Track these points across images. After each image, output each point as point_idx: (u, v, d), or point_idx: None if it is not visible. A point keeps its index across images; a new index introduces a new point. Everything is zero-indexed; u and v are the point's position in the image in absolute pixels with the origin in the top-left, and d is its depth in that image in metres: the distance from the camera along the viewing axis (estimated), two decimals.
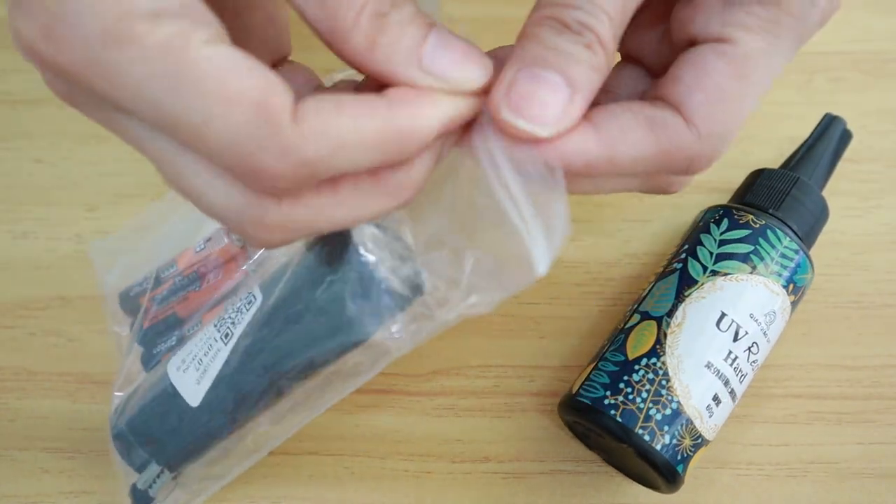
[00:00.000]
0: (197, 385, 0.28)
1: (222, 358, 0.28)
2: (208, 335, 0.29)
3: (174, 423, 0.29)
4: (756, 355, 0.32)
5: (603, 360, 0.33)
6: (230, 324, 0.28)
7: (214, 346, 0.28)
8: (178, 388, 0.29)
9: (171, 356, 0.30)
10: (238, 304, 0.28)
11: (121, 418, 0.31)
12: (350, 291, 0.25)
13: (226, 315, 0.29)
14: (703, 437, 0.31)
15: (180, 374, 0.29)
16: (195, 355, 0.29)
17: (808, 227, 0.34)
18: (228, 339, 0.28)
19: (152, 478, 0.31)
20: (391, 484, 0.35)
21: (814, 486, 0.35)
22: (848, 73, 0.42)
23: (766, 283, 0.32)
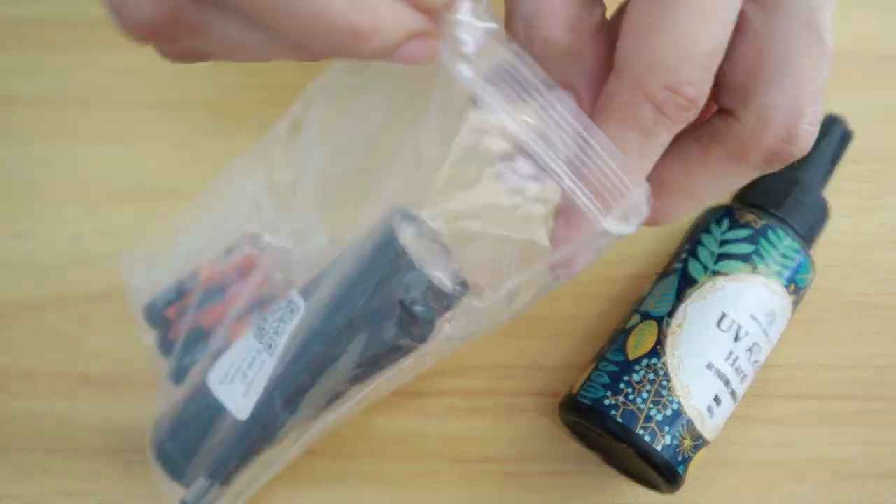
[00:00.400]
0: (244, 398, 0.28)
1: (269, 368, 0.28)
2: (249, 346, 0.29)
3: (222, 438, 0.29)
4: (757, 355, 0.32)
5: (603, 361, 0.33)
6: (272, 334, 0.28)
7: (258, 357, 0.28)
8: (223, 402, 0.29)
9: (208, 370, 0.30)
10: (279, 313, 0.28)
11: (160, 435, 0.30)
12: (401, 295, 0.25)
13: (266, 325, 0.29)
14: (703, 437, 0.31)
15: (224, 387, 0.29)
16: (238, 367, 0.29)
17: (808, 227, 0.34)
18: (273, 350, 0.28)
19: (203, 492, 0.30)
20: (391, 484, 0.35)
21: (814, 487, 0.35)
22: (848, 73, 0.42)
23: (767, 283, 0.32)
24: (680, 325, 0.32)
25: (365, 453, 0.36)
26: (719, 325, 0.32)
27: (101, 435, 0.36)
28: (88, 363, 0.37)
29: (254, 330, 0.29)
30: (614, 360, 0.32)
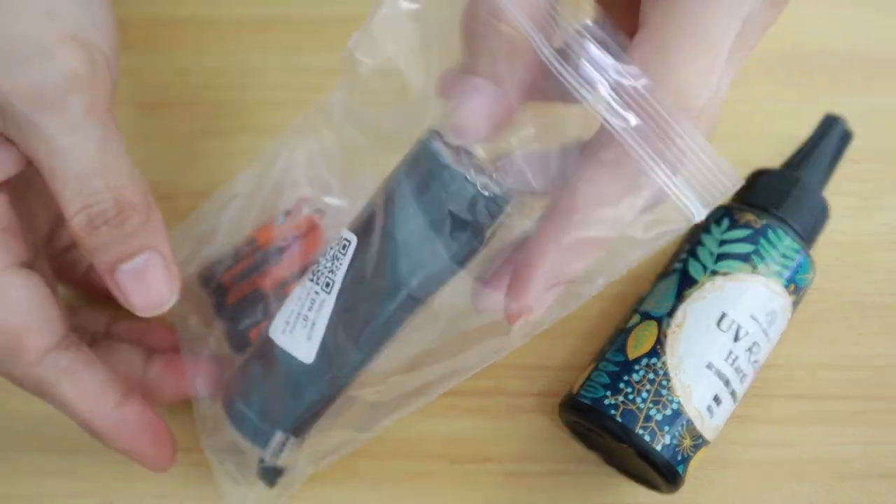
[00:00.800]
0: (308, 341, 0.28)
1: (329, 306, 0.28)
2: (306, 291, 0.29)
3: (293, 387, 0.29)
4: (757, 355, 0.32)
5: (603, 361, 0.33)
6: (328, 273, 0.28)
7: (317, 298, 0.28)
8: (288, 350, 0.29)
9: (266, 326, 0.30)
10: (330, 252, 0.28)
11: (232, 397, 0.30)
12: (449, 205, 0.26)
13: (319, 267, 0.29)
14: (703, 437, 0.31)
15: (287, 336, 0.29)
16: (298, 313, 0.29)
17: (808, 227, 0.34)
18: (331, 287, 0.28)
19: (279, 447, 0.30)
20: (391, 484, 0.35)
21: (814, 487, 0.35)
22: (848, 73, 0.42)
23: (767, 283, 0.32)
24: (680, 325, 0.32)
25: (364, 453, 0.36)
26: (719, 325, 0.32)
27: None
28: None
29: (308, 275, 0.29)
30: (614, 359, 0.32)
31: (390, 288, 0.27)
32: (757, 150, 0.40)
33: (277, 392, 0.29)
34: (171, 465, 0.31)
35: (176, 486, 0.35)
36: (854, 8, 0.44)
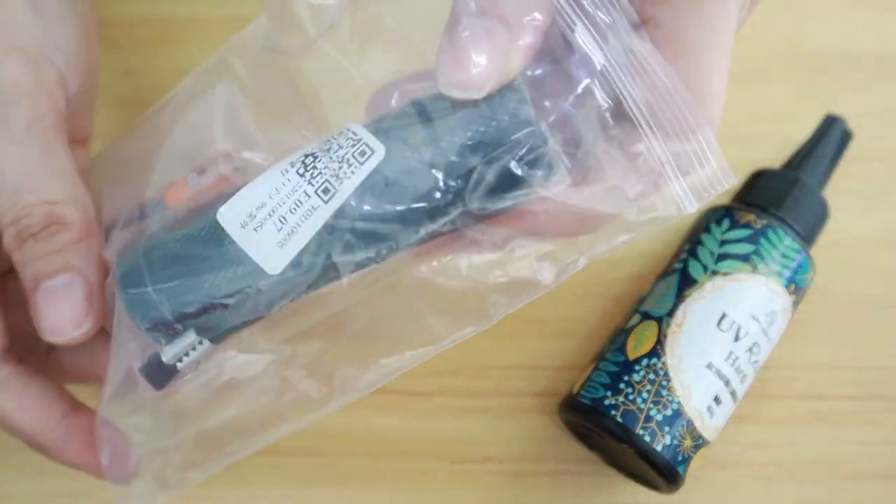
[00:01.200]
0: (280, 249, 0.24)
1: (322, 218, 0.23)
2: (290, 187, 0.24)
3: (237, 295, 0.24)
4: (757, 356, 0.32)
5: (603, 361, 0.33)
6: (330, 177, 0.23)
7: (307, 202, 0.23)
8: (246, 251, 0.24)
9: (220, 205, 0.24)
10: (338, 152, 0.24)
11: (138, 273, 0.25)
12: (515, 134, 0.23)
13: (317, 165, 0.24)
14: (703, 437, 0.31)
15: (248, 233, 0.24)
16: (272, 211, 0.24)
17: (808, 227, 0.34)
18: (330, 197, 0.23)
19: (184, 350, 0.25)
20: (391, 484, 0.35)
21: (815, 487, 0.35)
22: (848, 73, 0.42)
23: (768, 283, 0.32)
24: (680, 325, 0.32)
25: (365, 453, 0.36)
26: (719, 325, 0.32)
27: None
28: None
29: (293, 166, 0.24)
30: (614, 360, 0.32)
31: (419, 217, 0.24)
32: (757, 151, 0.40)
33: (210, 292, 0.24)
34: (132, 478, 0.28)
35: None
36: (854, 8, 0.44)
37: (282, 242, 0.24)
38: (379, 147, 0.23)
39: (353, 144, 0.24)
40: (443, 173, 0.23)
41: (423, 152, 0.23)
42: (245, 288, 0.24)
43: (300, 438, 0.36)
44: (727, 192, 0.38)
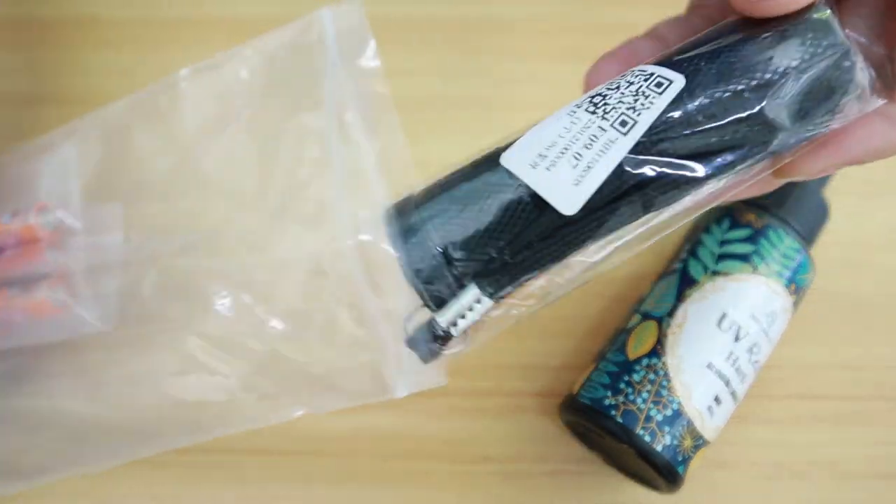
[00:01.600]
0: (575, 186, 0.22)
1: (623, 150, 0.22)
2: (582, 124, 0.23)
3: (527, 239, 0.23)
4: (757, 356, 0.32)
5: (604, 361, 0.33)
6: (626, 109, 0.22)
7: (603, 136, 0.22)
8: (538, 191, 0.22)
9: (503, 150, 0.23)
10: (633, 87, 0.23)
11: (417, 224, 0.23)
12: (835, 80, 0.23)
13: (611, 102, 0.23)
14: (703, 437, 0.31)
15: (540, 172, 0.22)
16: (564, 148, 0.22)
17: (809, 227, 0.34)
18: (629, 128, 0.22)
19: (463, 309, 0.23)
20: (391, 484, 0.35)
21: (815, 487, 0.35)
22: None
23: (768, 283, 0.32)
24: (680, 325, 0.32)
25: (365, 453, 0.36)
26: (719, 325, 0.32)
27: None
28: None
29: (580, 107, 0.23)
30: (614, 360, 0.32)
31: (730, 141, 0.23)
32: None
33: (500, 239, 0.23)
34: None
35: (174, 487, 0.35)
36: None
37: (578, 180, 0.22)
38: (677, 77, 0.23)
39: (646, 79, 0.23)
40: (754, 94, 0.22)
41: (728, 78, 0.22)
42: (539, 233, 0.23)
43: (300, 438, 0.36)
44: None
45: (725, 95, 0.22)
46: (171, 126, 0.30)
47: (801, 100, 0.23)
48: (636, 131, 0.22)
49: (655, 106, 0.22)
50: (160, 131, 0.30)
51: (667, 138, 0.22)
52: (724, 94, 0.22)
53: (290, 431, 0.36)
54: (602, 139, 0.22)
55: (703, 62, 0.23)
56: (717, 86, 0.23)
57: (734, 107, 0.22)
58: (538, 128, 0.23)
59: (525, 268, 0.23)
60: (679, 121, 0.22)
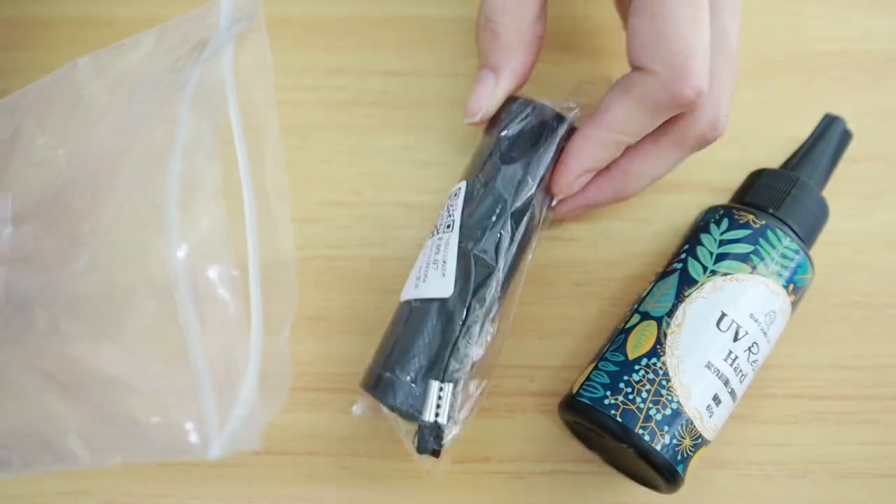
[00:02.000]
0: (443, 277, 0.31)
1: (455, 240, 0.32)
2: (430, 245, 0.33)
3: (440, 326, 0.31)
4: (756, 355, 0.32)
5: (603, 360, 0.33)
6: (447, 218, 0.33)
7: (442, 240, 0.32)
8: (427, 296, 0.31)
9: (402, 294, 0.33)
10: (445, 205, 0.34)
11: (375, 376, 0.31)
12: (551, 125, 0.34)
13: (437, 221, 0.34)
14: (703, 437, 0.31)
15: (422, 287, 0.31)
16: (427, 264, 0.32)
17: (808, 227, 0.34)
18: (452, 227, 0.32)
19: (437, 400, 0.30)
20: (391, 484, 0.35)
21: (814, 487, 0.35)
22: (848, 73, 0.42)
23: (767, 283, 0.32)
24: (679, 325, 0.32)
25: (365, 453, 0.36)
26: (719, 325, 0.32)
27: None
28: None
29: (425, 241, 0.34)
30: (614, 359, 0.32)
31: (497, 199, 0.33)
32: (757, 151, 0.41)
33: (423, 341, 0.31)
34: None
35: (176, 486, 0.35)
36: (854, 8, 0.44)
37: (442, 273, 0.31)
38: (462, 183, 0.34)
39: (449, 198, 0.34)
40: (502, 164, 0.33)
41: (486, 166, 0.34)
42: (441, 319, 0.31)
43: (300, 438, 0.36)
44: (727, 191, 0.38)
45: (490, 181, 0.33)
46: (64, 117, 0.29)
47: (525, 157, 0.33)
48: (456, 226, 0.32)
49: (458, 206, 0.33)
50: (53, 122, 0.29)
51: (471, 216, 0.33)
52: (486, 175, 0.33)
53: (290, 431, 0.36)
54: (443, 243, 0.32)
55: (471, 165, 0.34)
56: (478, 176, 0.34)
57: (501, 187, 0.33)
58: (414, 269, 0.33)
59: (448, 347, 0.31)
60: (472, 207, 0.33)
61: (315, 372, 0.37)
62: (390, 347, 0.31)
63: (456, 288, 0.31)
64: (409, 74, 0.42)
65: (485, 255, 0.32)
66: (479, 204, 0.33)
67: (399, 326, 0.32)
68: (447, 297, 0.31)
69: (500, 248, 0.32)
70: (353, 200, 0.40)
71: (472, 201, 0.33)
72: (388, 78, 0.42)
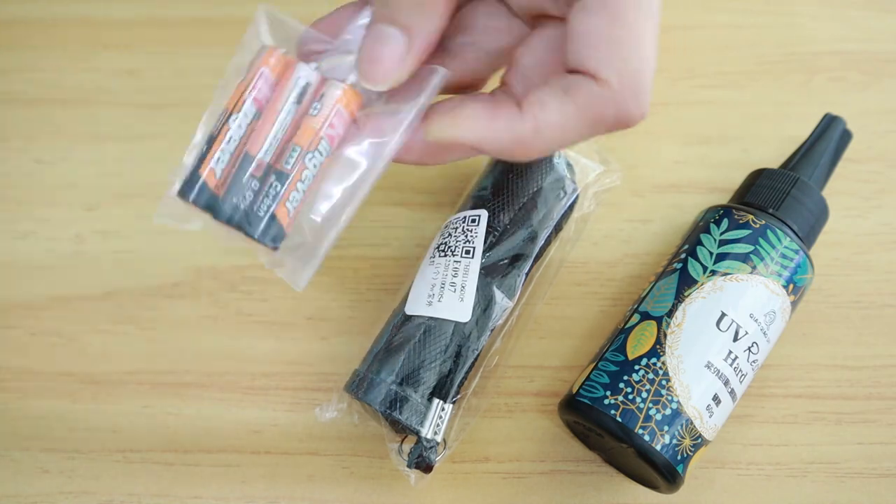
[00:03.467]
0: (461, 303, 0.32)
1: (476, 269, 0.32)
2: (441, 265, 0.33)
3: (454, 349, 0.32)
4: (756, 355, 0.32)
5: (603, 360, 0.33)
6: (465, 244, 0.33)
7: (460, 265, 0.33)
8: (442, 317, 0.32)
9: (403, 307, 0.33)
10: (458, 228, 0.34)
11: (378, 386, 0.31)
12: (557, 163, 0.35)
13: (449, 242, 0.34)
14: (702, 437, 0.31)
15: (435, 306, 0.32)
16: (441, 284, 0.32)
17: (808, 227, 0.34)
18: (473, 254, 0.33)
19: (440, 418, 0.31)
20: (391, 484, 0.35)
21: (814, 486, 0.35)
22: (848, 73, 0.42)
23: (767, 283, 0.32)
24: (679, 325, 0.32)
25: (365, 453, 0.36)
26: (718, 325, 0.32)
27: (101, 435, 0.36)
28: (88, 363, 0.37)
29: (434, 257, 0.34)
30: (614, 359, 0.32)
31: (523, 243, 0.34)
32: (757, 150, 0.41)
33: (435, 361, 0.31)
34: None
35: (176, 486, 0.35)
36: (854, 8, 0.44)
37: (461, 297, 0.32)
38: (482, 212, 0.34)
39: (464, 220, 0.34)
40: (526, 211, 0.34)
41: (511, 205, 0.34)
42: (455, 343, 0.32)
43: (300, 438, 0.36)
44: (727, 191, 0.38)
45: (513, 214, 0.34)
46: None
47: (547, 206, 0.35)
48: (477, 253, 0.33)
49: (480, 233, 0.33)
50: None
51: (494, 250, 0.33)
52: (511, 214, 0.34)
53: (290, 431, 0.36)
54: (461, 268, 0.33)
55: (493, 197, 0.34)
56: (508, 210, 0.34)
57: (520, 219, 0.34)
58: (417, 281, 0.33)
59: (459, 372, 0.32)
60: (497, 241, 0.34)
61: (315, 372, 0.37)
62: (399, 361, 0.32)
63: (474, 316, 0.32)
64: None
65: (507, 292, 0.33)
66: (504, 240, 0.34)
67: (410, 341, 0.32)
68: (464, 322, 0.32)
69: (517, 287, 0.33)
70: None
71: (496, 234, 0.34)
72: None
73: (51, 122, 0.42)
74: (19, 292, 0.39)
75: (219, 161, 0.28)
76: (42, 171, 0.41)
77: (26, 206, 0.40)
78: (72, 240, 0.40)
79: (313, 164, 0.28)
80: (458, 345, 0.32)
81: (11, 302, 0.38)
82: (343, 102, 0.28)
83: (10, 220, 0.40)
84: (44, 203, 0.40)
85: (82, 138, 0.42)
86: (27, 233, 0.40)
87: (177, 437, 0.36)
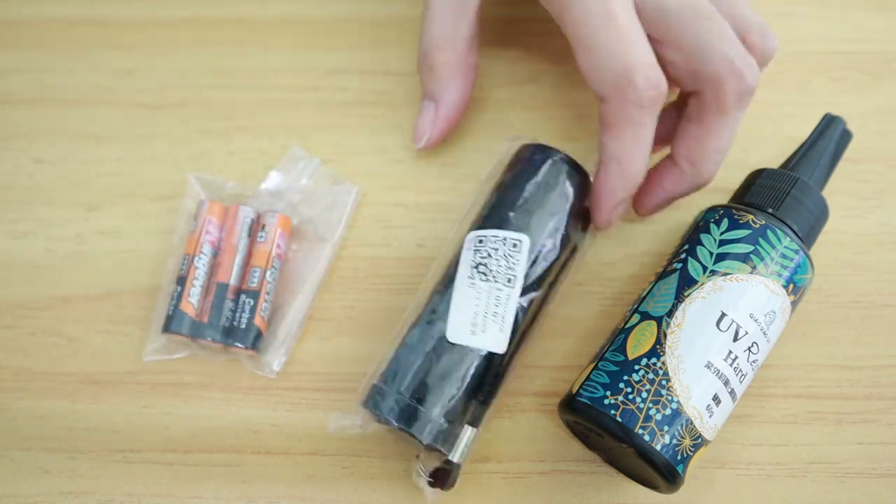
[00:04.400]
0: (500, 333, 0.32)
1: (515, 298, 0.32)
2: (484, 291, 0.32)
3: (490, 379, 0.32)
4: (756, 355, 0.32)
5: (603, 360, 0.33)
6: (507, 271, 0.32)
7: (502, 294, 0.32)
8: (482, 348, 0.32)
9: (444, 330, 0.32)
10: (497, 251, 0.33)
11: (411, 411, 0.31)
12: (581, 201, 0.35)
13: (490, 263, 0.33)
14: (702, 437, 0.31)
15: (479, 336, 0.32)
16: (485, 313, 0.32)
17: (808, 227, 0.34)
18: (514, 283, 0.32)
19: (469, 443, 0.32)
20: (391, 484, 0.35)
21: (814, 487, 0.35)
22: (848, 73, 0.42)
23: (767, 283, 0.32)
24: (679, 325, 0.32)
25: (365, 453, 0.36)
26: (718, 325, 0.32)
27: (101, 435, 0.36)
28: (88, 363, 0.37)
29: (474, 277, 0.33)
30: (614, 359, 0.32)
31: (556, 273, 0.34)
32: (756, 150, 0.41)
33: (476, 393, 0.32)
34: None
35: (176, 486, 0.35)
36: (854, 8, 0.44)
37: (501, 328, 0.32)
38: (523, 237, 0.33)
39: (504, 243, 0.33)
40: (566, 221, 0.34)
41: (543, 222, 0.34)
42: (492, 374, 0.32)
43: (301, 438, 0.36)
44: (727, 191, 0.38)
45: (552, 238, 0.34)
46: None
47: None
48: (518, 282, 0.32)
49: (521, 261, 0.33)
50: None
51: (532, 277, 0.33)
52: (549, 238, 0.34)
53: (290, 431, 0.36)
54: (503, 297, 0.32)
55: (532, 220, 0.33)
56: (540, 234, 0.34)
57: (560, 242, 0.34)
58: (455, 303, 0.32)
59: (490, 398, 0.32)
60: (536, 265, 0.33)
61: (315, 372, 0.37)
62: (446, 394, 0.31)
63: (508, 345, 0.32)
64: (409, 74, 0.42)
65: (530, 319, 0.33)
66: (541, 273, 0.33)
67: (456, 374, 0.32)
68: (501, 353, 0.32)
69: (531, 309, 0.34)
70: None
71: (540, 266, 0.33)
72: (388, 78, 0.42)
73: (51, 122, 0.42)
74: (19, 292, 0.39)
75: (192, 295, 0.36)
76: (42, 171, 0.41)
77: (26, 206, 0.40)
78: (72, 240, 0.40)
79: (273, 277, 0.37)
80: (494, 375, 0.32)
81: (11, 302, 0.38)
82: (282, 226, 0.37)
83: (9, 220, 0.40)
84: (44, 203, 0.40)
85: (82, 138, 0.42)
86: (27, 233, 0.40)
87: (177, 437, 0.36)
